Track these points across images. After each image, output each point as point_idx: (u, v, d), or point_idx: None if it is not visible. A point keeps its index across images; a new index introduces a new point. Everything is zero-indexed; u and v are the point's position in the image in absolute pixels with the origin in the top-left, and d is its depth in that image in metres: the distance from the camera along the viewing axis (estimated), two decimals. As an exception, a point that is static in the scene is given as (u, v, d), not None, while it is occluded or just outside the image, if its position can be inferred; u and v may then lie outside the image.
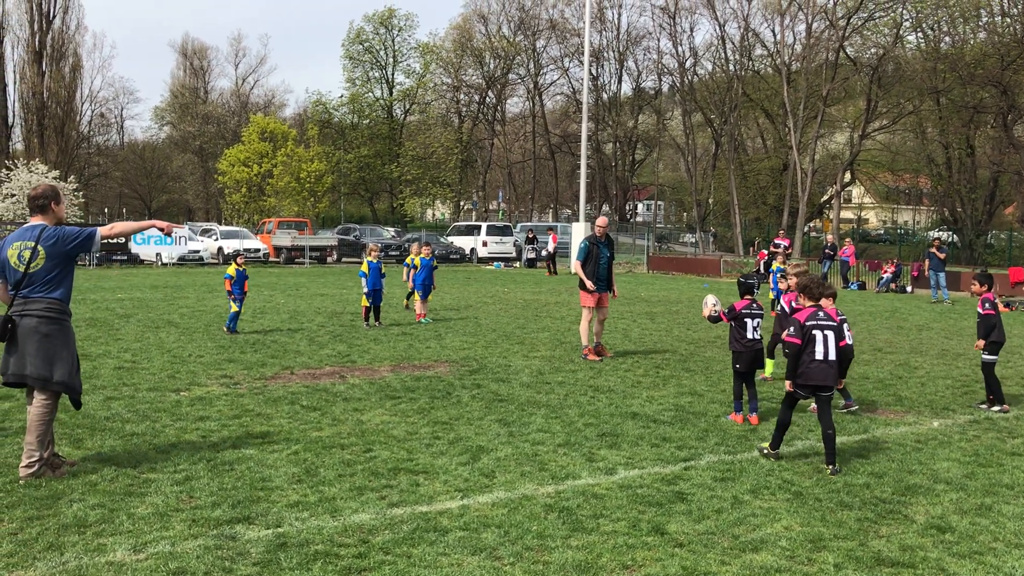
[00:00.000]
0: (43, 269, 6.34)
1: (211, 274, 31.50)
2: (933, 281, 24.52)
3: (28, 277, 6.33)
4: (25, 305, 6.34)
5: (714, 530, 5.59)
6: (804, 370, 7.11)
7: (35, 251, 6.31)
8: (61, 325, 6.43)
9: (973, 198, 50.43)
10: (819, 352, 7.08)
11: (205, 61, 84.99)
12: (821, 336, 7.11)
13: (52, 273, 6.37)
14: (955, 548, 5.38)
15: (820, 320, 7.19)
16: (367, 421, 8.34)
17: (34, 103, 62.79)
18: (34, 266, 6.32)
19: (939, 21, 49.25)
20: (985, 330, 9.46)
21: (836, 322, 7.29)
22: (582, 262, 12.42)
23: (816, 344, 7.09)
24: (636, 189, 78.27)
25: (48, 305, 6.36)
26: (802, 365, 7.11)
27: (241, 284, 14.67)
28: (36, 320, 6.31)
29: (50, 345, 6.34)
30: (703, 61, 63.85)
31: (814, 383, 7.11)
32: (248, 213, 57.77)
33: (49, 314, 6.36)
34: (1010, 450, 7.74)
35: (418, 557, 5.06)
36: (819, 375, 7.07)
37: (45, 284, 6.36)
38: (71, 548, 5.09)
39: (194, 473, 6.55)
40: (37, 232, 6.38)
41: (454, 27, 68.94)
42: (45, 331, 6.33)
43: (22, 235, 6.42)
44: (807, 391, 7.18)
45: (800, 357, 7.11)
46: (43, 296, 6.36)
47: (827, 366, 7.09)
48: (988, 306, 9.51)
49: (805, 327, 7.14)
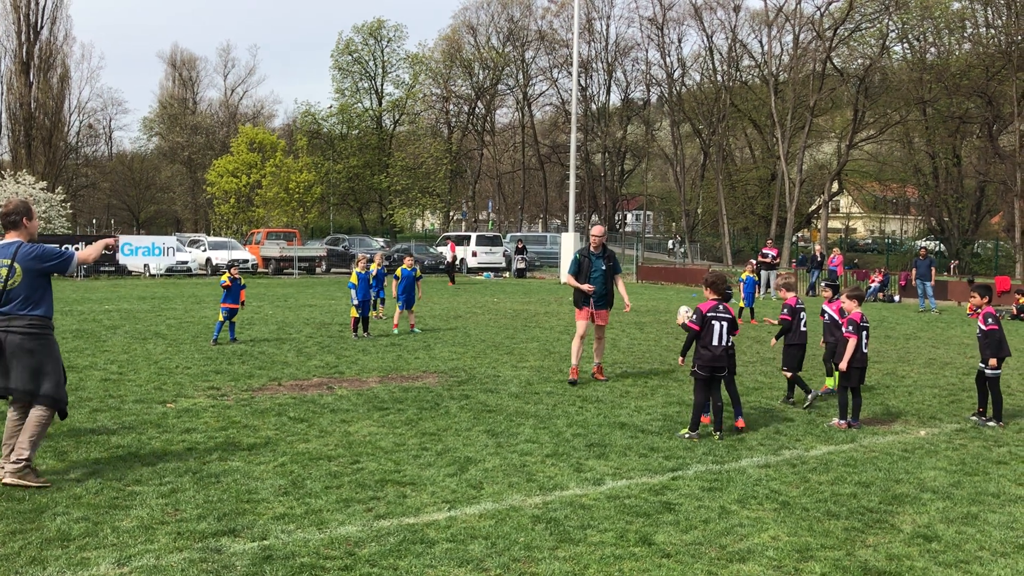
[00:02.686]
0: (21, 286, 6.41)
1: (199, 285, 31.39)
2: (920, 290, 24.65)
3: (6, 294, 6.39)
4: (8, 322, 6.40)
5: (701, 540, 5.58)
6: (703, 353, 8.33)
7: (11, 268, 6.38)
8: (45, 340, 6.52)
9: (960, 208, 50.74)
10: (715, 339, 8.32)
11: (194, 72, 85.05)
12: (718, 325, 8.34)
13: (30, 290, 6.43)
14: (941, 557, 5.39)
15: (719, 312, 8.42)
16: (354, 432, 8.31)
17: (21, 114, 62.57)
18: (11, 283, 6.38)
19: (925, 32, 49.63)
20: (994, 347, 9.09)
21: (731, 315, 8.48)
22: (573, 275, 11.31)
23: (713, 332, 8.33)
24: (625, 199, 78.44)
25: (31, 322, 6.44)
26: (704, 350, 8.32)
27: (236, 294, 14.62)
28: (20, 337, 6.40)
29: (35, 361, 6.43)
30: (691, 72, 64.23)
31: (712, 365, 8.31)
32: (237, 224, 57.60)
33: (32, 330, 6.43)
34: (996, 459, 7.77)
35: (405, 569, 5.04)
36: (715, 358, 8.29)
37: (25, 301, 6.43)
38: (54, 562, 5.04)
39: (180, 486, 6.51)
40: (13, 249, 6.44)
41: (443, 38, 69.11)
42: (30, 347, 6.42)
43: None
44: (706, 371, 8.32)
45: (699, 341, 8.37)
46: (26, 313, 6.43)
47: (723, 351, 8.33)
48: (991, 321, 9.14)
49: (706, 316, 8.37)
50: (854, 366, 8.89)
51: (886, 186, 63.34)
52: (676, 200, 69.75)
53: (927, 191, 52.58)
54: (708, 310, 8.42)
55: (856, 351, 8.87)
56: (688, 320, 8.67)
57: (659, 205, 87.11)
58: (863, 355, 8.97)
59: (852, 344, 8.86)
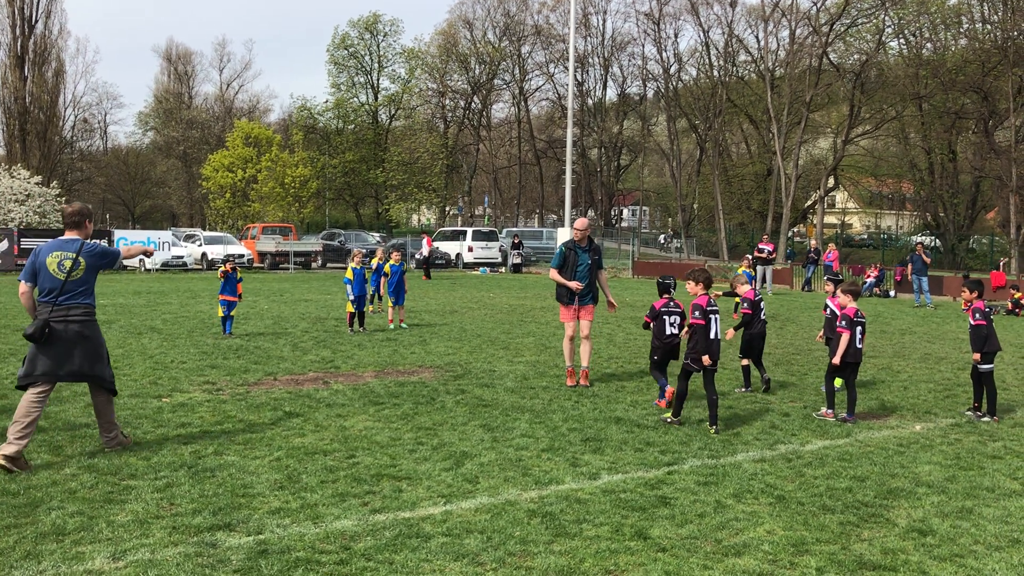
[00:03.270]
0: (81, 279, 7.07)
1: (194, 280, 31.35)
2: (916, 285, 24.69)
3: (66, 285, 6.99)
4: (66, 312, 7.00)
5: (697, 534, 5.59)
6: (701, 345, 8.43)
7: (76, 262, 7.03)
8: (96, 327, 7.26)
9: (955, 203, 50.84)
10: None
11: (189, 66, 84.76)
12: (715, 319, 8.56)
13: (86, 283, 7.12)
14: (936, 551, 5.40)
15: (713, 306, 8.61)
16: (350, 427, 8.30)
17: (16, 108, 62.33)
18: (74, 275, 7.02)
19: (921, 28, 49.67)
20: (979, 342, 9.17)
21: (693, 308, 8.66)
22: (558, 269, 10.70)
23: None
24: (621, 194, 78.48)
25: (85, 310, 7.10)
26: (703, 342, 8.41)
27: (232, 287, 14.85)
28: (79, 325, 7.04)
29: (91, 346, 7.12)
30: (687, 67, 64.25)
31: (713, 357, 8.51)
32: (232, 218, 57.48)
33: (86, 318, 7.11)
34: (991, 453, 7.79)
35: (400, 563, 5.03)
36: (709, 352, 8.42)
37: (80, 292, 7.07)
38: (49, 556, 5.03)
39: (175, 480, 6.50)
40: (78, 245, 7.10)
41: (439, 32, 69.02)
42: (87, 334, 7.09)
43: (61, 246, 7.08)
44: (699, 364, 8.44)
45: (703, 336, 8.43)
46: (80, 303, 7.07)
47: (717, 344, 8.56)
48: (979, 316, 9.22)
49: (707, 311, 8.50)
50: (848, 360, 9.01)
51: (882, 181, 63.44)
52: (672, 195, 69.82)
53: (923, 186, 52.68)
54: (707, 304, 8.52)
55: (850, 346, 8.99)
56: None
57: (655, 200, 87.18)
58: (857, 350, 9.07)
59: (845, 339, 8.99)
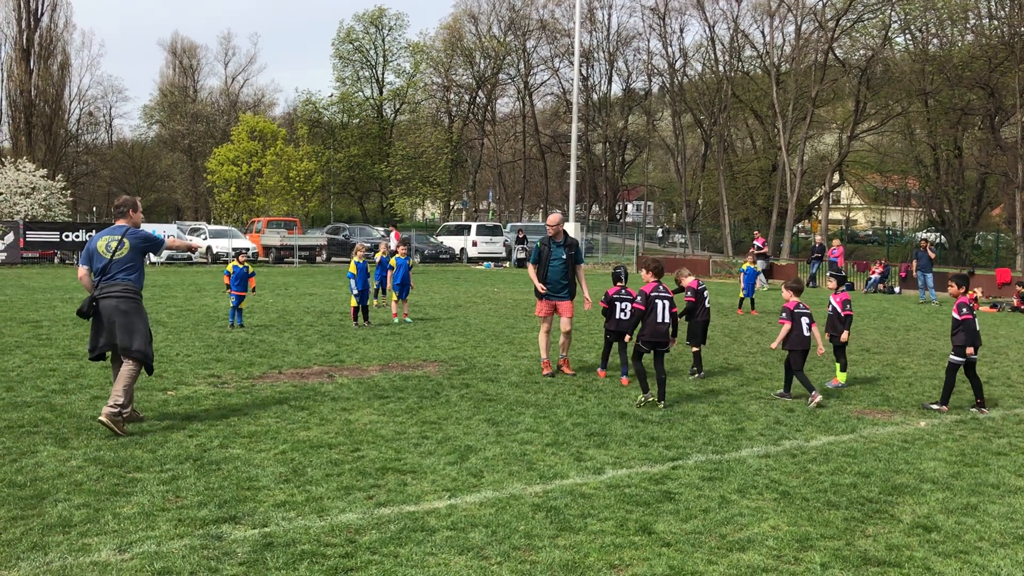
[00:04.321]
0: (125, 258, 7.82)
1: (199, 273, 31.39)
2: (921, 282, 24.64)
3: (111, 263, 7.76)
4: (107, 288, 7.72)
5: (701, 529, 5.59)
6: (650, 329, 9.20)
7: (121, 242, 7.83)
8: (137, 303, 7.84)
9: (961, 199, 50.69)
10: (659, 316, 9.20)
11: (194, 60, 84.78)
12: (660, 304, 9.22)
13: (130, 262, 7.84)
14: (941, 547, 5.40)
15: (661, 292, 9.31)
16: (355, 421, 8.31)
17: (22, 101, 62.47)
18: (119, 254, 7.80)
19: (927, 23, 49.48)
20: (966, 336, 9.29)
21: (671, 294, 9.43)
22: (534, 264, 11.00)
23: (656, 310, 9.19)
24: (626, 189, 78.41)
25: (125, 287, 7.77)
26: (648, 326, 9.19)
27: (243, 281, 15.37)
28: (116, 300, 7.71)
29: (129, 320, 7.72)
30: (693, 62, 64.08)
31: (654, 340, 9.22)
32: (237, 212, 57.52)
33: (127, 295, 7.76)
34: (996, 450, 7.78)
35: (405, 557, 5.05)
36: (660, 333, 9.21)
37: (123, 270, 7.80)
38: (55, 548, 5.05)
39: (180, 473, 6.52)
40: (124, 230, 7.93)
41: (444, 27, 68.93)
42: (125, 308, 7.72)
43: (111, 232, 7.92)
44: (649, 345, 9.21)
45: (646, 320, 9.21)
46: (123, 279, 7.78)
47: (664, 327, 9.22)
48: (965, 311, 9.35)
49: (649, 297, 9.21)
50: (796, 348, 9.67)
51: (887, 177, 63.25)
52: (677, 190, 69.71)
53: (928, 183, 52.52)
54: (652, 291, 9.29)
55: (797, 335, 9.66)
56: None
57: (660, 196, 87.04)
58: (805, 338, 9.72)
59: (785, 329, 9.72)
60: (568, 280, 10.97)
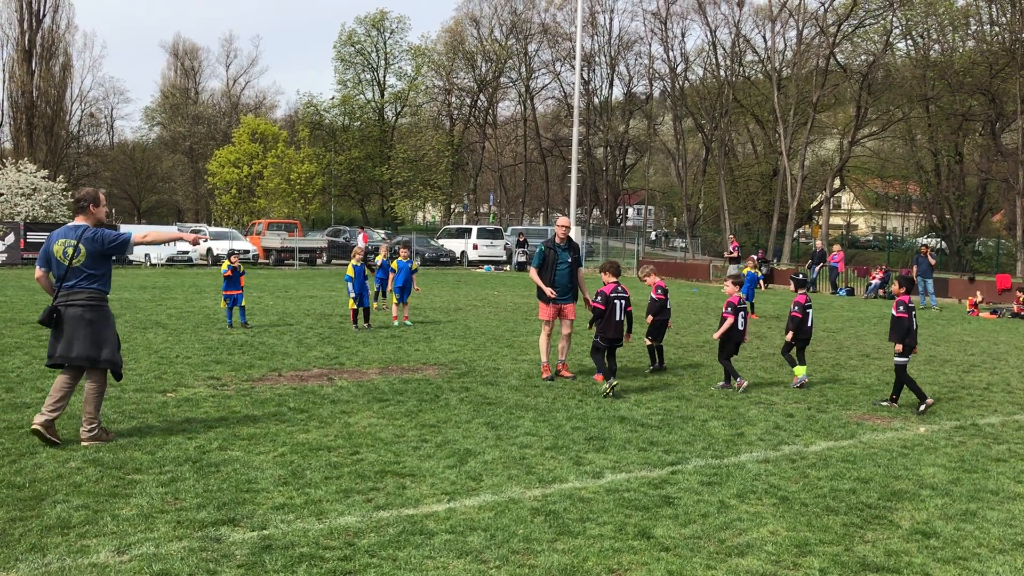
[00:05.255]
0: (84, 264, 7.20)
1: (200, 275, 31.41)
2: (921, 287, 24.64)
3: (71, 271, 7.19)
4: (69, 296, 7.20)
5: (700, 534, 5.59)
6: (611, 327, 9.97)
7: (77, 248, 7.18)
8: (103, 311, 7.35)
9: (961, 205, 50.69)
10: (617, 315, 9.91)
11: (196, 62, 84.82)
12: (619, 304, 9.98)
13: (91, 269, 7.24)
14: (940, 553, 5.39)
15: (619, 292, 10.08)
16: (354, 424, 8.31)
17: (23, 102, 62.50)
18: (76, 261, 7.19)
19: (929, 29, 49.55)
20: (900, 333, 9.63)
21: (627, 294, 10.20)
22: (537, 268, 11.02)
23: (616, 310, 9.91)
24: (627, 193, 78.42)
25: (89, 295, 7.25)
26: (608, 325, 9.95)
27: (235, 281, 15.38)
28: (81, 309, 7.20)
29: (95, 331, 7.27)
30: (694, 67, 64.17)
31: (612, 337, 10.00)
32: (238, 214, 57.52)
33: (91, 303, 7.25)
34: (995, 456, 7.77)
35: (404, 560, 5.04)
36: (617, 330, 10.03)
37: (86, 277, 7.23)
38: (54, 549, 5.05)
39: (179, 474, 6.51)
40: (80, 231, 7.24)
41: (446, 30, 69.04)
42: (89, 317, 7.23)
43: (66, 233, 7.28)
44: (607, 342, 10.02)
45: (606, 319, 9.99)
46: (85, 287, 7.22)
47: (621, 324, 10.06)
48: (902, 309, 9.69)
49: (609, 297, 9.96)
50: (733, 340, 10.55)
51: (888, 183, 63.32)
52: (678, 195, 69.75)
53: (929, 188, 52.55)
54: (611, 291, 10.03)
55: (733, 328, 10.53)
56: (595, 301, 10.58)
57: (661, 200, 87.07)
58: (740, 332, 10.63)
59: (728, 323, 10.52)
60: (573, 284, 11.13)
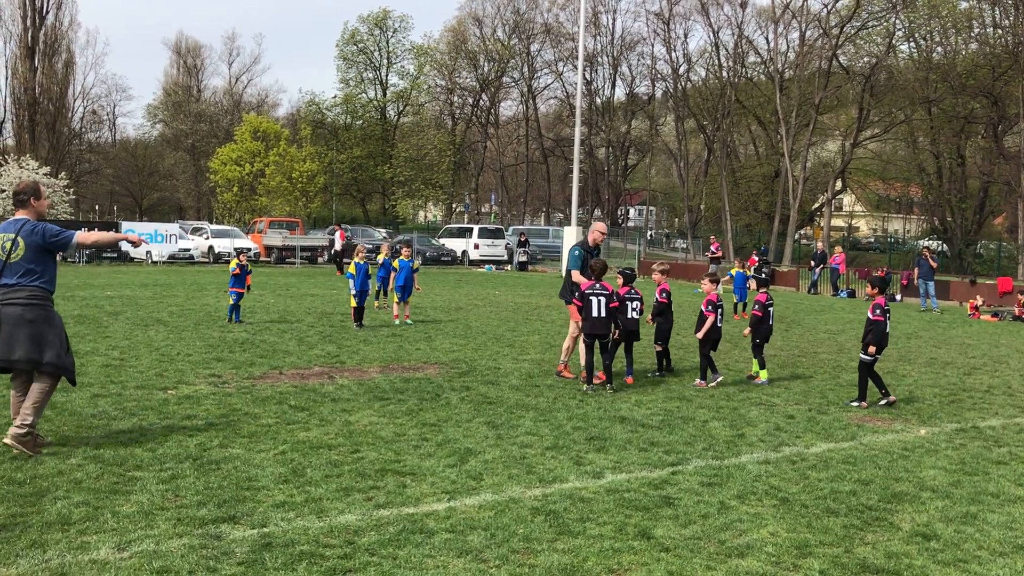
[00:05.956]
0: (23, 259, 6.78)
1: (201, 273, 31.42)
2: (922, 290, 24.63)
3: (9, 267, 6.76)
4: (8, 294, 6.74)
5: (700, 535, 5.59)
6: (589, 324, 10.15)
7: (15, 242, 6.78)
8: (45, 310, 6.85)
9: (963, 208, 50.67)
10: (595, 311, 10.13)
11: (199, 59, 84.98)
12: (596, 300, 10.13)
13: (31, 264, 6.80)
14: (940, 556, 5.39)
15: (597, 290, 10.20)
16: (355, 422, 8.31)
17: (26, 99, 62.58)
18: (14, 256, 6.76)
19: (931, 31, 49.53)
20: (876, 336, 9.71)
21: (609, 290, 10.30)
22: (580, 271, 10.86)
23: (592, 306, 10.12)
24: (628, 194, 78.40)
25: (30, 293, 6.79)
26: (586, 321, 10.17)
27: (242, 279, 15.88)
28: (21, 308, 6.73)
29: (36, 330, 6.77)
30: (697, 67, 64.18)
31: (593, 332, 10.18)
32: (240, 212, 57.56)
33: (32, 301, 6.77)
34: (996, 459, 7.77)
35: (404, 559, 5.04)
36: (598, 327, 10.19)
37: (25, 273, 6.79)
38: (54, 546, 5.05)
39: (180, 472, 6.52)
40: (19, 225, 6.85)
41: (448, 29, 69.07)
42: (30, 317, 6.75)
43: (6, 228, 6.89)
44: (589, 338, 10.23)
45: (584, 315, 10.18)
46: (25, 284, 6.78)
47: (600, 321, 10.17)
48: (879, 312, 9.76)
49: (585, 294, 10.18)
50: (711, 336, 10.85)
51: (889, 185, 63.29)
52: (679, 196, 69.75)
53: (930, 191, 52.54)
54: (587, 288, 10.22)
55: (712, 325, 10.85)
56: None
57: (662, 200, 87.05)
58: (718, 328, 10.95)
59: (710, 321, 10.85)
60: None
